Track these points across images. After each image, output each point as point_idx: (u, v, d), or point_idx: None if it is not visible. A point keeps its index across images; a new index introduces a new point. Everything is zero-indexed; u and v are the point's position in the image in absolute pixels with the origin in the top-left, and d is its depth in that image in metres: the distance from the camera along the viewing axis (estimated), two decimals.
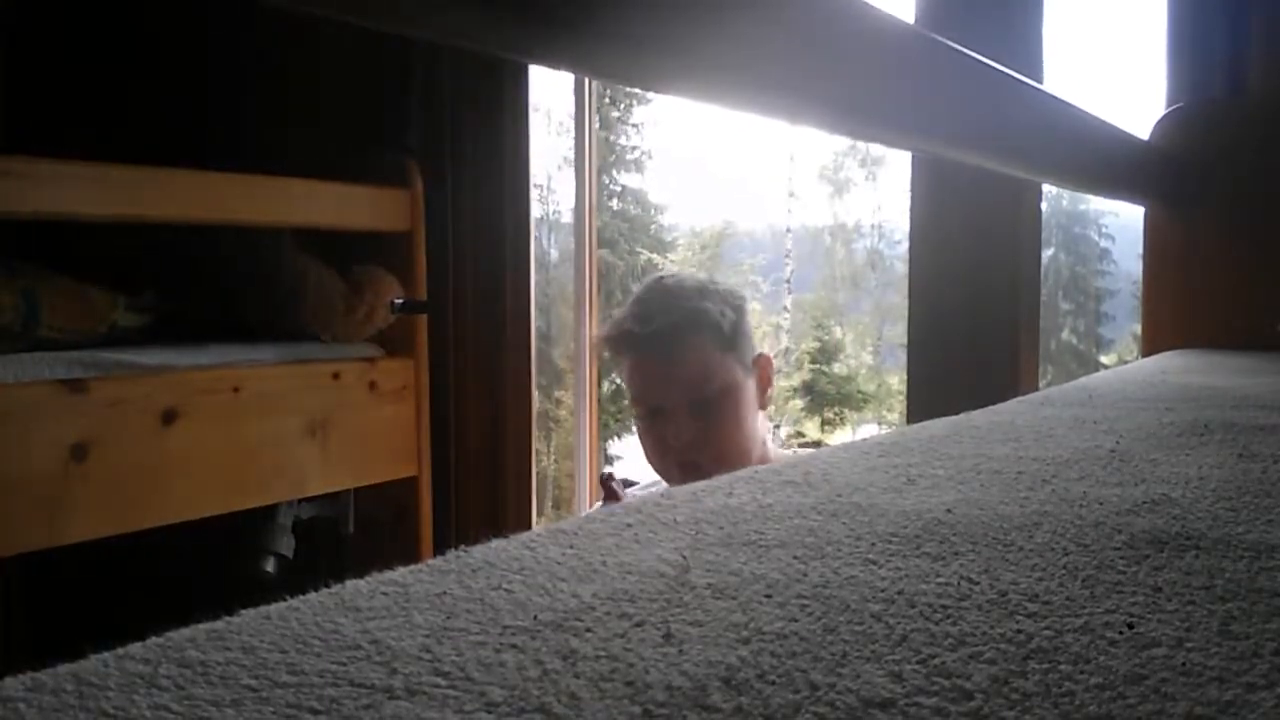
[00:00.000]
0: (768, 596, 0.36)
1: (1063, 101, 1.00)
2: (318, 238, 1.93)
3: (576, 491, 2.74)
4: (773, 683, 0.28)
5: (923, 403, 1.36)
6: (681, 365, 1.39)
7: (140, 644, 0.31)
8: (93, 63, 2.25)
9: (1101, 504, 0.49)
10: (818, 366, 18.24)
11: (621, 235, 15.96)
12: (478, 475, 2.22)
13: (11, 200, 1.41)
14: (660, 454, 1.44)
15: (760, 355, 1.46)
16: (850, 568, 0.39)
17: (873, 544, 0.43)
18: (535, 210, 2.24)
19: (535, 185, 2.23)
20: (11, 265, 1.58)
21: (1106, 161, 1.21)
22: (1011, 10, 1.29)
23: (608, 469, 1.65)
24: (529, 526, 2.03)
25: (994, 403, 0.87)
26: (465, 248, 2.16)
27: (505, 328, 2.19)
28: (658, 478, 1.56)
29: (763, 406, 1.48)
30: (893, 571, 0.39)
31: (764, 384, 1.46)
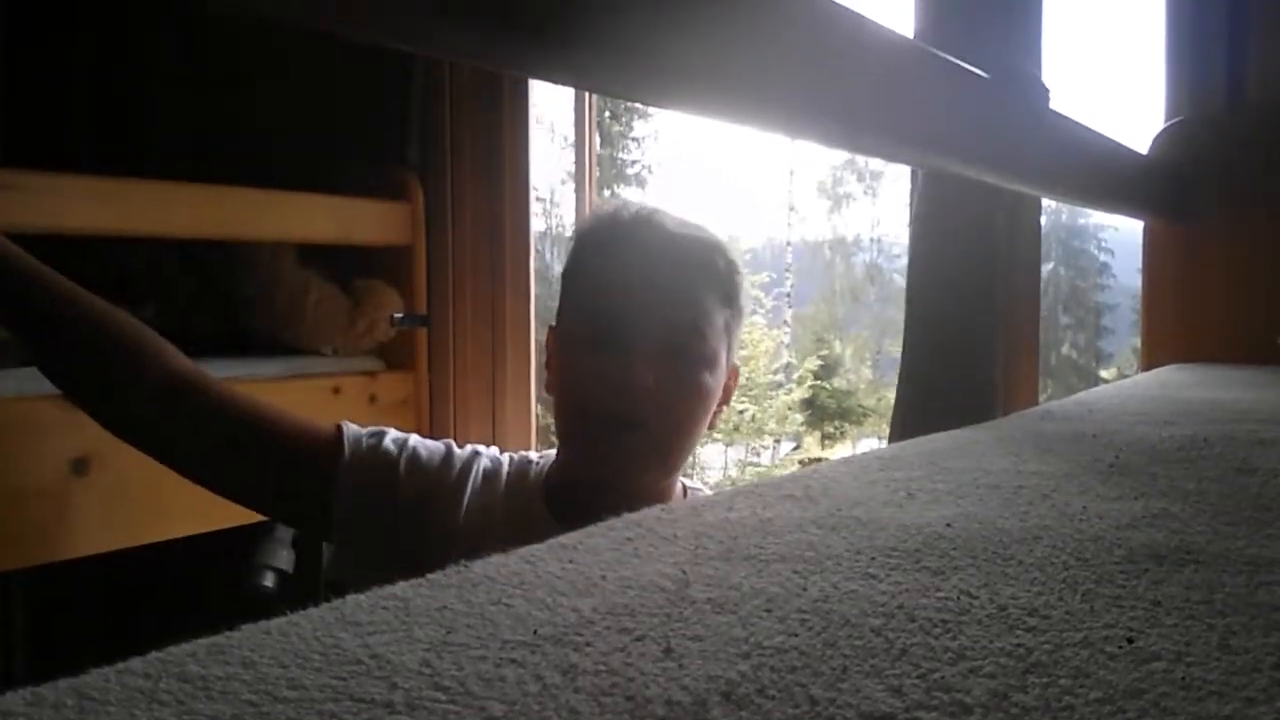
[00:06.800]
0: (767, 611, 0.36)
1: (1062, 116, 1.01)
2: (318, 251, 1.94)
3: None
4: (772, 697, 0.29)
5: (917, 417, 1.35)
6: (675, 296, 1.06)
7: (141, 659, 0.31)
8: (93, 75, 2.26)
9: (1101, 518, 0.49)
10: (818, 381, 18.23)
11: None
12: None
13: (11, 214, 1.41)
14: (594, 396, 1.05)
15: (734, 365, 1.15)
16: (850, 582, 0.39)
17: (872, 558, 0.43)
18: (539, 224, 2.25)
19: (539, 199, 2.23)
20: None
21: (1106, 175, 1.22)
22: (1011, 24, 1.29)
23: None
24: None
25: (993, 417, 0.87)
26: (465, 261, 2.16)
27: (506, 341, 2.19)
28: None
29: (712, 424, 1.13)
30: (892, 586, 0.39)
31: (726, 396, 1.13)
